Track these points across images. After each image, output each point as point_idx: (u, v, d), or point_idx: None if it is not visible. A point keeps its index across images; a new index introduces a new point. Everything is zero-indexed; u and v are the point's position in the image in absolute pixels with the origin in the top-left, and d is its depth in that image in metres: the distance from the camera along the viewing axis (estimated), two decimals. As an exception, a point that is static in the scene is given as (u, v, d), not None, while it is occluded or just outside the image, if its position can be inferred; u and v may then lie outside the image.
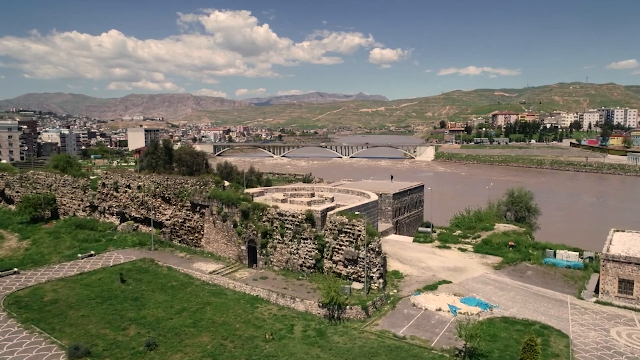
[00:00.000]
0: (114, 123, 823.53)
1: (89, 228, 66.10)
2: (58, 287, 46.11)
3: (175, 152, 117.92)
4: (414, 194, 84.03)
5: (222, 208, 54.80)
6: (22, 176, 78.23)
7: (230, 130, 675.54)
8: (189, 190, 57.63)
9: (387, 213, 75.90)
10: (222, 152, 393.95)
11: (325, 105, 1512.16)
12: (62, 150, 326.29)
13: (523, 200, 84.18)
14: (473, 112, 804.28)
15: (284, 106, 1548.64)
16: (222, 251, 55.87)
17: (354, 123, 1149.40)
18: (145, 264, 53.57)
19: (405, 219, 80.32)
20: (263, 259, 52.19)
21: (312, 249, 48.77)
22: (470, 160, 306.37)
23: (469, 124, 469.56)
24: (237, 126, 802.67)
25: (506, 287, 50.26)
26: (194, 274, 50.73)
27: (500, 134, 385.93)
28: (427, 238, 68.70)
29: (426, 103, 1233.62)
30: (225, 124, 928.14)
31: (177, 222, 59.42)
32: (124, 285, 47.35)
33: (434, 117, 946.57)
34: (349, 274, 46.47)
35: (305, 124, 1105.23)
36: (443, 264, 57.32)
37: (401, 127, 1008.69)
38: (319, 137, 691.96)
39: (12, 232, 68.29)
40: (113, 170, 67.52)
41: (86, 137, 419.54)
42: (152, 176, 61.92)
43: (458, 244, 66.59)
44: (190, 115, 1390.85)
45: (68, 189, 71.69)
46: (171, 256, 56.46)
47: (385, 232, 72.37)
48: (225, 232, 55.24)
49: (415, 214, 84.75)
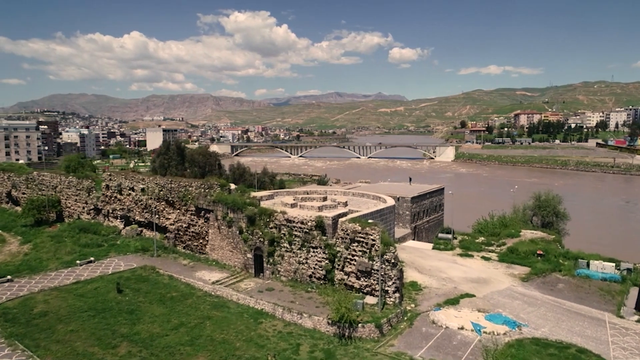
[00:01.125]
0: (134, 123, 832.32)
1: (92, 232, 63.46)
2: (50, 298, 43.18)
3: (188, 152, 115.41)
4: (433, 197, 79.53)
5: (227, 213, 51.37)
6: (28, 177, 76.21)
7: (249, 131, 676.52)
8: (193, 193, 54.37)
9: (405, 218, 71.63)
10: (240, 152, 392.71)
11: (343, 105, 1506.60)
12: (81, 150, 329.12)
13: (550, 204, 79.01)
14: (494, 111, 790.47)
15: (303, 106, 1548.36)
16: (227, 259, 52.42)
17: (372, 123, 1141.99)
18: (146, 272, 50.42)
19: (424, 224, 75.91)
20: (270, 269, 48.56)
21: (322, 259, 44.95)
22: (491, 160, 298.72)
23: (490, 124, 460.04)
24: (256, 126, 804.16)
25: (536, 302, 45.64)
26: (196, 283, 47.36)
27: (523, 134, 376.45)
28: (447, 245, 64.29)
29: (446, 103, 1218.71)
30: (244, 124, 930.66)
31: (181, 227, 56.24)
32: (120, 295, 44.21)
33: (454, 117, 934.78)
34: (362, 286, 42.50)
35: (324, 124, 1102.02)
36: (465, 275, 52.92)
37: (420, 127, 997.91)
38: (337, 137, 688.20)
39: (15, 235, 66.07)
40: (117, 172, 64.75)
41: (106, 137, 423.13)
42: (156, 178, 58.88)
43: (481, 252, 62.04)
44: (209, 116, 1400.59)
45: (72, 191, 69.25)
46: (174, 264, 53.24)
47: (402, 238, 68.19)
48: (230, 238, 51.79)
49: (435, 218, 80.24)
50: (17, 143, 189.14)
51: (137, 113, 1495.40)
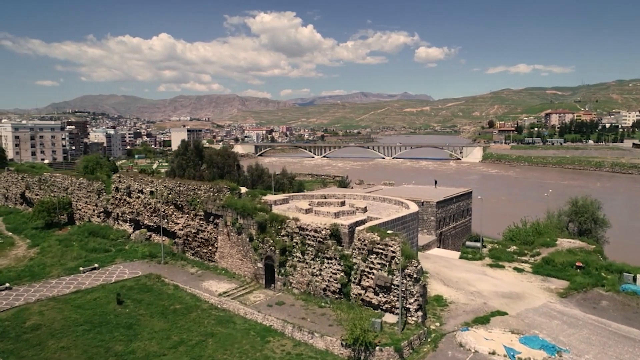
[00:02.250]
0: (162, 123, 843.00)
1: (101, 236, 61.04)
2: (46, 309, 40.44)
3: (206, 153, 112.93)
4: (460, 201, 74.58)
5: (236, 219, 47.91)
6: (41, 178, 74.52)
7: (273, 131, 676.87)
8: (201, 197, 51.12)
9: (430, 224, 67.03)
10: (264, 153, 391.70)
11: (369, 105, 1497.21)
12: (107, 150, 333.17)
13: (589, 210, 73.06)
14: (523, 111, 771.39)
15: (328, 106, 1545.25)
16: (237, 268, 48.96)
17: (398, 123, 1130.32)
18: (151, 280, 47.39)
19: (450, 230, 71.11)
20: (282, 280, 44.86)
21: (337, 271, 40.99)
22: (521, 161, 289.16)
23: (519, 124, 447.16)
24: (280, 126, 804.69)
25: (577, 322, 40.65)
26: (201, 295, 44.02)
27: (554, 134, 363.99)
28: (476, 254, 59.48)
29: (473, 102, 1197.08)
30: (270, 124, 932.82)
31: (190, 232, 53.10)
32: (120, 307, 41.19)
33: (482, 116, 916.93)
34: (381, 303, 38.37)
35: (349, 124, 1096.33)
36: (496, 288, 48.16)
37: (447, 127, 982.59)
38: (361, 137, 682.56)
39: (25, 238, 64.26)
40: (126, 174, 62.20)
41: (132, 137, 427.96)
42: (165, 181, 55.92)
43: (513, 263, 57.04)
44: (235, 116, 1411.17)
45: (83, 193, 67.07)
46: (181, 272, 50.08)
47: (427, 246, 63.67)
48: (240, 246, 48.32)
49: (462, 224, 75.27)
50: (42, 143, 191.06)
51: (164, 113, 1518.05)
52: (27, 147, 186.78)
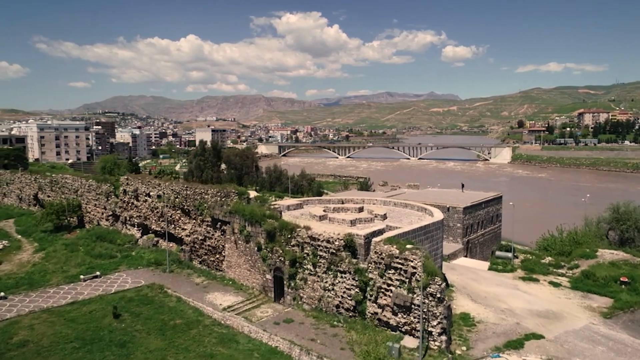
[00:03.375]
0: (188, 124, 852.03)
1: (108, 240, 58.49)
2: (37, 322, 37.61)
3: (224, 153, 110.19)
4: (489, 206, 69.47)
5: (244, 226, 44.36)
6: (52, 180, 72.75)
7: (298, 131, 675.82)
8: (209, 202, 47.76)
9: (456, 231, 62.27)
10: (287, 153, 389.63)
11: (394, 105, 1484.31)
12: (133, 150, 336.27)
13: (631, 217, 67.02)
14: (554, 110, 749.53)
15: (353, 106, 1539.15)
16: (245, 278, 45.41)
17: (424, 123, 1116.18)
18: (153, 291, 44.24)
19: (478, 238, 66.14)
20: (291, 293, 41.06)
21: (351, 286, 36.93)
22: (552, 162, 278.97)
23: (550, 124, 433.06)
24: (305, 126, 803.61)
25: (625, 349, 35.55)
26: (204, 309, 40.56)
27: (588, 134, 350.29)
28: (507, 266, 54.54)
29: (502, 102, 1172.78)
30: (295, 124, 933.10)
31: (197, 239, 49.84)
32: (116, 322, 38.06)
33: (511, 116, 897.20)
34: (400, 324, 34.13)
35: (374, 124, 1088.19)
36: (530, 306, 43.26)
37: (474, 127, 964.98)
38: (387, 137, 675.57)
39: (33, 241, 62.21)
40: (134, 176, 59.52)
41: (158, 137, 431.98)
42: (172, 184, 52.82)
43: (549, 276, 51.89)
44: (261, 116, 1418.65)
45: (92, 195, 64.76)
46: (186, 282, 46.80)
47: (453, 255, 58.99)
48: (248, 255, 44.74)
49: (491, 231, 70.15)
50: (67, 143, 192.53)
51: (192, 114, 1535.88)
52: (52, 147, 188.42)
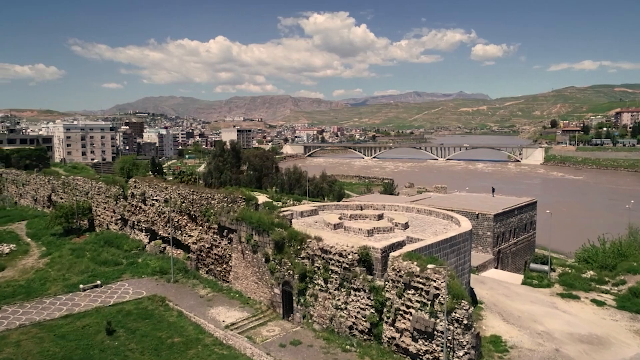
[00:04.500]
0: (216, 124, 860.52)
1: (115, 246, 55.93)
2: (25, 338, 34.77)
3: (244, 154, 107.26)
4: (522, 213, 64.07)
5: (251, 235, 40.72)
6: (64, 181, 70.94)
7: (324, 131, 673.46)
8: (215, 208, 44.34)
9: (486, 240, 57.28)
10: (313, 153, 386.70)
11: (422, 104, 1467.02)
12: (159, 150, 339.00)
13: (683, 226, 60.68)
14: (589, 110, 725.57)
15: (380, 106, 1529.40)
16: (252, 292, 41.79)
17: (453, 123, 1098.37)
18: (153, 304, 41.05)
19: (510, 247, 60.92)
20: (301, 311, 37.19)
21: (366, 306, 32.80)
22: (587, 164, 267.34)
23: (585, 124, 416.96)
24: (332, 126, 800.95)
25: (687, 386, 30.40)
26: (206, 326, 37.06)
27: (626, 134, 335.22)
28: (542, 280, 49.35)
29: (534, 101, 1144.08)
30: (322, 124, 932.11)
31: (203, 247, 46.55)
32: (109, 339, 34.90)
33: (543, 116, 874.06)
34: (420, 352, 29.82)
35: (402, 124, 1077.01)
36: (571, 328, 38.19)
37: (505, 127, 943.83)
38: (414, 137, 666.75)
39: (41, 245, 60.24)
40: (142, 178, 56.76)
41: (185, 137, 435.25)
42: (179, 187, 49.66)
43: (591, 293, 46.48)
44: (288, 116, 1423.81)
45: (102, 198, 62.42)
46: (190, 293, 43.49)
47: (482, 267, 54.08)
48: (255, 267, 41.10)
49: (525, 239, 64.72)
50: (92, 143, 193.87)
51: (220, 114, 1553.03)
52: (78, 147, 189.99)
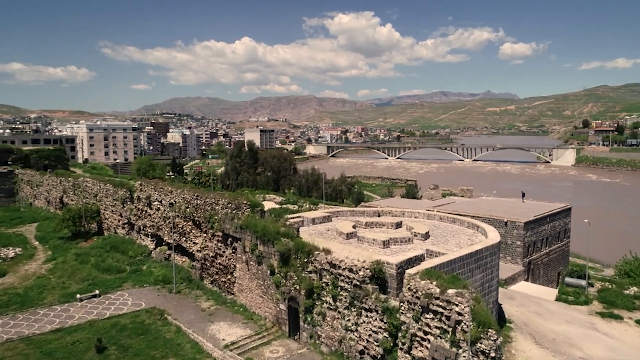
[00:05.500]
0: (241, 124, 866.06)
1: (121, 251, 53.53)
2: (10, 355, 32.22)
3: (261, 155, 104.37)
4: (555, 220, 59.12)
5: (256, 244, 37.42)
6: (75, 183, 69.20)
7: (348, 131, 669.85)
8: (219, 214, 41.22)
9: (516, 250, 52.70)
10: (336, 154, 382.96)
11: (448, 104, 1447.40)
12: (182, 150, 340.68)
13: None
14: (623, 109, 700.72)
15: (405, 106, 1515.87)
16: (256, 306, 38.48)
17: (479, 123, 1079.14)
18: (151, 317, 38.16)
19: (542, 258, 56.13)
20: (308, 330, 33.67)
21: (378, 329, 29.06)
22: (622, 165, 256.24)
23: (620, 123, 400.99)
24: (356, 127, 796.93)
25: None
26: (204, 344, 33.90)
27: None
28: (579, 296, 44.57)
29: (564, 100, 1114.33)
30: (346, 124, 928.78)
31: (207, 255, 43.53)
32: (98, 357, 32.09)
33: (574, 116, 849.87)
34: (440, 386, 25.90)
35: (427, 124, 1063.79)
36: (614, 355, 33.65)
37: (534, 127, 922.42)
38: (440, 137, 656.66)
39: (48, 249, 58.44)
40: (147, 181, 54.21)
41: (208, 138, 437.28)
42: (184, 191, 46.76)
43: (635, 312, 41.59)
44: (312, 117, 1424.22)
45: (110, 201, 60.25)
46: (192, 306, 40.46)
47: (511, 279, 49.59)
48: (260, 279, 37.78)
49: (558, 249, 59.75)
50: (115, 143, 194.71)
51: (245, 114, 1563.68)
52: (101, 147, 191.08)
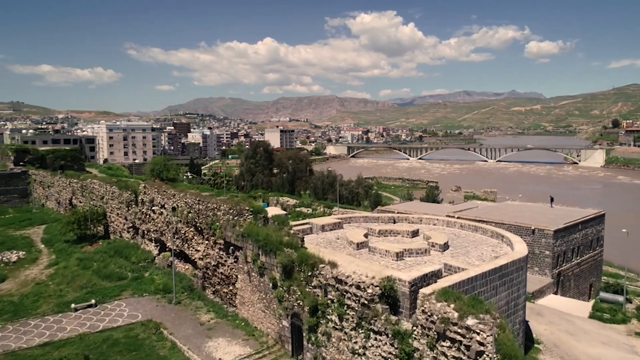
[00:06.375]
0: (262, 124, 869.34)
1: (124, 257, 51.34)
2: (-10, 372, 30.04)
3: (276, 156, 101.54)
4: (588, 228, 54.63)
5: (258, 254, 34.45)
6: (82, 185, 67.54)
7: (369, 131, 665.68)
8: (220, 220, 38.40)
9: (544, 260, 48.59)
10: (356, 154, 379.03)
11: (472, 104, 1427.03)
12: (203, 150, 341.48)
13: None
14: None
15: (428, 106, 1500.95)
16: (258, 321, 35.52)
17: (504, 123, 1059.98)
18: (146, 331, 35.53)
19: (573, 269, 51.83)
20: (312, 351, 30.53)
21: (389, 355, 25.73)
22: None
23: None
24: (377, 127, 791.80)
25: None
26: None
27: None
28: (616, 314, 40.46)
29: (592, 100, 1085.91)
30: (368, 124, 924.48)
31: (209, 264, 40.81)
32: (84, 377, 29.59)
33: (602, 115, 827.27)
34: None
35: (450, 124, 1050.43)
36: (658, 385, 29.68)
37: (560, 127, 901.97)
38: (463, 138, 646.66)
39: (52, 253, 56.74)
40: (151, 183, 51.78)
41: (229, 138, 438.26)
42: (187, 195, 44.11)
43: (681, 334, 37.32)
44: (334, 117, 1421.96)
45: (115, 204, 58.19)
46: (190, 319, 37.71)
47: (539, 292, 45.61)
48: (262, 292, 34.80)
49: (590, 259, 55.28)
50: (134, 144, 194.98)
51: (267, 115, 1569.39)
52: (120, 147, 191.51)
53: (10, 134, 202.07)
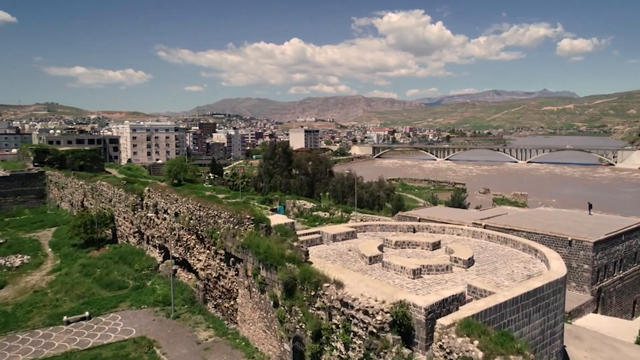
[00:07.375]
0: (288, 124, 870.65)
1: (128, 263, 48.79)
2: (-37, 396, 27.47)
3: (295, 157, 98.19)
4: (632, 239, 49.29)
5: (258, 268, 31.01)
6: (92, 186, 65.59)
7: (396, 131, 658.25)
8: (221, 228, 35.13)
9: (582, 274, 43.72)
10: (382, 154, 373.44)
11: (502, 103, 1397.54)
12: (227, 150, 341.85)
13: None
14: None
15: (456, 106, 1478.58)
16: (259, 341, 32.07)
17: (535, 123, 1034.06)
18: (138, 350, 32.49)
19: (615, 284, 46.69)
20: (315, 381, 26.86)
21: (400, 394, 21.85)
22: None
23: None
24: (404, 127, 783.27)
25: None
26: (190, 391, 27.84)
27: None
28: (669, 340, 35.41)
29: (628, 99, 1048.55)
30: (394, 124, 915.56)
31: (210, 275, 37.66)
32: (62, 404, 26.71)
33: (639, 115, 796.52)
34: None
35: (479, 124, 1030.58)
36: None
37: (594, 127, 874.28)
38: (492, 138, 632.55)
39: (58, 257, 54.74)
40: (156, 186, 49.03)
41: (254, 138, 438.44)
42: (189, 200, 41.03)
43: None
44: (360, 117, 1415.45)
45: (122, 207, 55.78)
46: (187, 336, 34.54)
47: (577, 311, 40.86)
48: (263, 310, 31.34)
49: (635, 273, 49.96)
50: (157, 144, 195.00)
51: (293, 115, 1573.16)
52: (144, 147, 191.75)
53: (38, 134, 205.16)
